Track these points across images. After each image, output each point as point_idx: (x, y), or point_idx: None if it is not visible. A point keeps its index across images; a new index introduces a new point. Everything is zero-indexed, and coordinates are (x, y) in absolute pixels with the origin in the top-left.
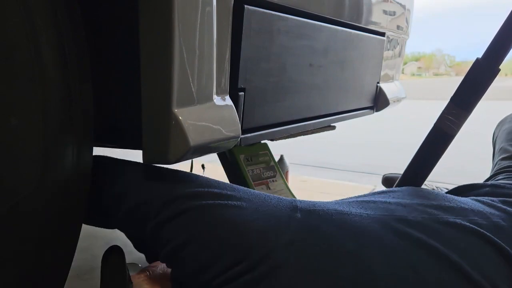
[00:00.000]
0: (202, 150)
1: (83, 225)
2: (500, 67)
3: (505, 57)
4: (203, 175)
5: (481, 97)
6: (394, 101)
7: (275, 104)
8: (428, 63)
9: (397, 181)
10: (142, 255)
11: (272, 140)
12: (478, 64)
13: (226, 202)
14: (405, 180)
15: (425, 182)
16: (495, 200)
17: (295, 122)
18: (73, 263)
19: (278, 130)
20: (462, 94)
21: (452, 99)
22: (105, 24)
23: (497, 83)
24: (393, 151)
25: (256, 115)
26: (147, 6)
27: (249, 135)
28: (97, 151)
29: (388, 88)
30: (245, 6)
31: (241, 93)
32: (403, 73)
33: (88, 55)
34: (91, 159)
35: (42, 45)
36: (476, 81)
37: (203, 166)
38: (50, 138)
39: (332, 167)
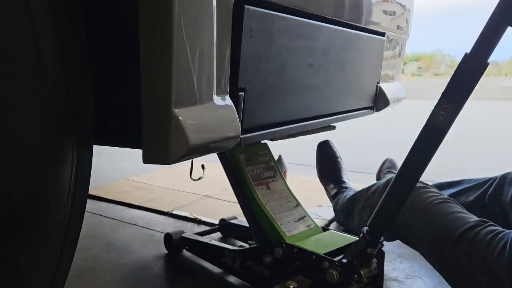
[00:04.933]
0: (202, 150)
1: (83, 226)
2: (501, 67)
3: (493, 51)
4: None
5: (471, 91)
6: (394, 101)
7: (275, 104)
8: (428, 63)
9: (393, 178)
10: (140, 255)
11: (272, 140)
12: (467, 59)
13: None
14: (401, 177)
15: (422, 179)
16: None
17: (295, 122)
18: (73, 263)
19: (278, 130)
20: (452, 89)
21: (443, 94)
22: (105, 24)
23: (498, 83)
24: (393, 151)
25: (256, 115)
26: (147, 6)
27: (249, 135)
28: (97, 150)
29: (388, 88)
30: (245, 6)
31: (241, 93)
32: (403, 73)
33: (88, 55)
34: (91, 159)
35: (42, 45)
36: (466, 76)
37: (203, 167)
38: (50, 138)
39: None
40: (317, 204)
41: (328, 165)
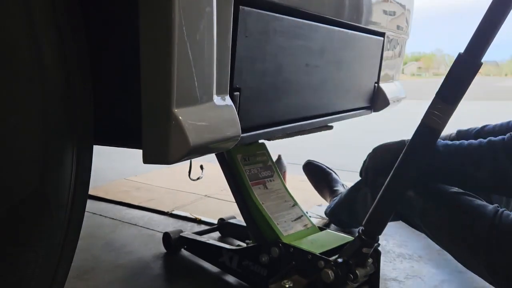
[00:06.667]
0: (202, 150)
1: (83, 226)
2: (501, 67)
3: (486, 51)
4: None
5: (465, 90)
6: (394, 101)
7: (271, 104)
8: (428, 63)
9: (388, 178)
10: (140, 255)
11: (269, 140)
12: (460, 59)
13: None
14: (396, 176)
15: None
16: None
17: (292, 122)
18: (73, 263)
19: (274, 129)
20: (446, 89)
21: (437, 94)
22: (105, 24)
23: (497, 83)
24: None
25: (251, 115)
26: (147, 6)
27: (244, 134)
28: (97, 150)
29: (387, 88)
30: (240, 7)
31: (237, 93)
32: (403, 73)
33: (88, 55)
34: (91, 159)
35: (42, 45)
36: (460, 76)
37: (201, 167)
38: (50, 138)
39: (331, 167)
40: (316, 204)
41: (318, 183)
